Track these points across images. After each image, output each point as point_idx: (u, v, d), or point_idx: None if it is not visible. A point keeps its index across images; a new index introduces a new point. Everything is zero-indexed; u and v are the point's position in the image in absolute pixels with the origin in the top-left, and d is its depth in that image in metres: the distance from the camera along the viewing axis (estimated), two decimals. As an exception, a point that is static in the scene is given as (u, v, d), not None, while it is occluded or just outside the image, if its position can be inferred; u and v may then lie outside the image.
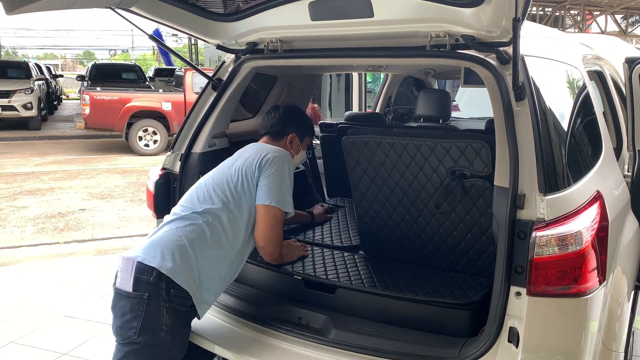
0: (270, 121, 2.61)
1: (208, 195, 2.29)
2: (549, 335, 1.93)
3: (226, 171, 2.37)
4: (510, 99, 2.07)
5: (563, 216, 1.91)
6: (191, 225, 2.21)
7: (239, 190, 2.29)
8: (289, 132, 2.59)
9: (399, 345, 2.15)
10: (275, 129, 2.59)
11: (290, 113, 2.65)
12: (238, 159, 2.42)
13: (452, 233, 2.52)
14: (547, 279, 1.89)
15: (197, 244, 2.17)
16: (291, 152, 2.56)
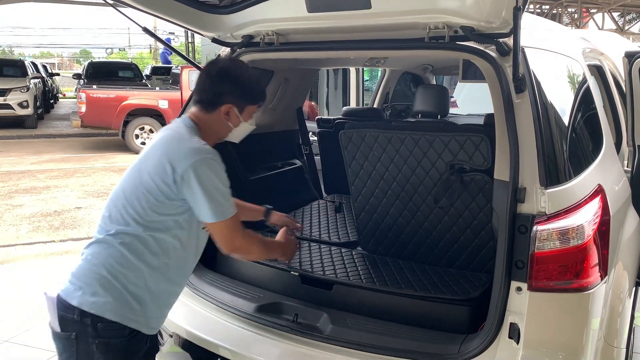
0: (201, 87, 2.00)
1: (119, 214, 1.86)
2: (550, 331, 1.90)
3: (137, 181, 1.87)
4: (510, 91, 2.04)
5: (564, 210, 1.88)
6: (107, 249, 1.86)
7: (154, 207, 1.84)
8: (223, 102, 1.95)
9: (398, 341, 2.12)
10: (206, 98, 1.97)
11: (225, 76, 1.97)
12: (148, 158, 1.89)
13: (450, 228, 2.49)
14: (549, 274, 1.86)
15: (118, 270, 1.84)
16: (228, 125, 2.00)
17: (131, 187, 1.88)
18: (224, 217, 1.87)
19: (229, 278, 2.69)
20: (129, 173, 1.94)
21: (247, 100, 2.00)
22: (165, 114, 12.59)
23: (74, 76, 18.83)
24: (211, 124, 1.98)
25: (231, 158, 3.06)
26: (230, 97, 1.95)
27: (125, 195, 1.88)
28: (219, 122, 1.98)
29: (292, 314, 2.32)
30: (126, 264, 1.84)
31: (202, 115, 1.97)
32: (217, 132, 2.02)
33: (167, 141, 1.90)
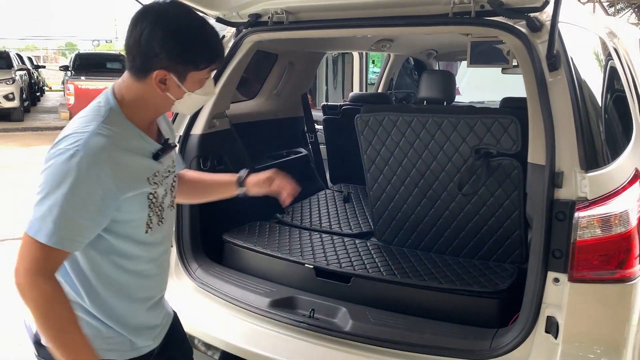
0: (126, 45, 1.41)
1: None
2: (591, 325, 1.77)
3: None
4: (543, 70, 1.91)
5: (606, 195, 1.75)
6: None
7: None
8: (155, 67, 1.36)
9: (424, 337, 1.99)
10: (132, 60, 1.39)
11: (155, 29, 1.35)
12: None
13: (474, 217, 2.36)
14: (591, 264, 1.73)
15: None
16: (167, 96, 1.42)
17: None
18: (30, 232, 1.29)
19: (237, 271, 2.55)
20: None
21: (189, 62, 1.38)
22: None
23: (61, 68, 18.40)
24: (145, 96, 1.42)
25: (236, 146, 2.91)
26: (162, 60, 1.35)
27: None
28: (153, 93, 1.40)
29: (308, 309, 2.18)
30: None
31: (133, 84, 1.41)
32: (154, 106, 1.46)
33: (85, 110, 1.46)
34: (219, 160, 2.75)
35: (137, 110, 1.43)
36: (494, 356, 1.87)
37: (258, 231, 2.77)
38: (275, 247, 2.56)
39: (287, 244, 2.60)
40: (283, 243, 2.61)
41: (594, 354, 1.76)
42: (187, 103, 1.48)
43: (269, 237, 2.69)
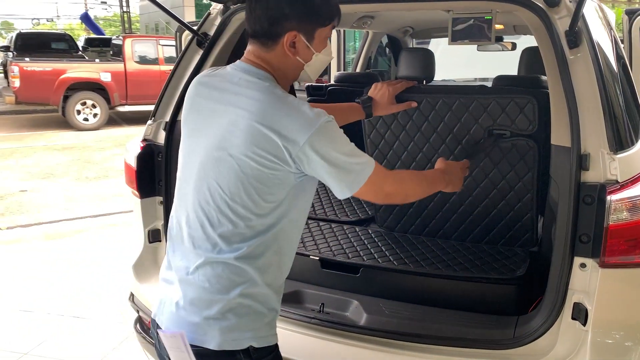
0: (250, 13, 1.44)
1: (222, 218, 1.43)
2: (621, 311, 1.73)
3: (228, 166, 1.39)
4: (563, 47, 1.83)
5: (635, 177, 1.70)
6: (226, 269, 1.45)
7: (264, 195, 1.40)
8: (285, 29, 1.41)
9: (445, 328, 1.91)
10: (260, 28, 1.42)
11: None
12: (226, 133, 1.39)
13: (483, 201, 2.28)
14: (621, 248, 1.68)
15: (246, 288, 1.47)
16: (297, 61, 1.45)
17: (220, 176, 1.40)
18: (363, 181, 1.42)
19: None
20: (203, 161, 1.44)
21: (315, 18, 1.43)
22: (108, 87, 11.87)
23: (1, 48, 17.40)
24: (276, 65, 1.44)
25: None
26: (292, 21, 1.40)
27: (212, 191, 1.42)
28: (285, 59, 1.44)
29: (316, 303, 2.07)
30: (249, 277, 1.43)
31: (263, 54, 1.44)
32: (286, 75, 1.48)
33: (251, 102, 1.38)
34: (208, 147, 2.57)
35: (279, 81, 1.46)
36: (519, 345, 1.81)
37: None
38: None
39: None
40: None
41: (624, 340, 1.72)
42: (315, 66, 1.51)
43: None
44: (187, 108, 1.56)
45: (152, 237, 2.43)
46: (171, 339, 1.41)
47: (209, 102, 1.48)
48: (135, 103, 12.13)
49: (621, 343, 1.72)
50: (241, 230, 1.41)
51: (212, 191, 1.42)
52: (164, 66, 12.03)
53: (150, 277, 2.41)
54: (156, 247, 2.46)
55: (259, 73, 1.43)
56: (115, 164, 8.38)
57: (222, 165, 1.40)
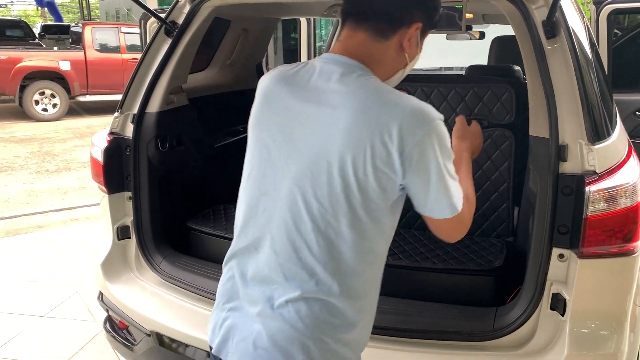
0: (372, 5, 1.25)
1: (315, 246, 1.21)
2: (599, 300, 1.75)
3: (325, 176, 1.19)
4: (541, 37, 1.82)
5: (612, 167, 1.71)
6: (320, 304, 1.23)
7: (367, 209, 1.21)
8: (414, 19, 1.25)
9: (423, 321, 1.90)
10: (384, 11, 1.24)
11: None
12: (326, 136, 1.19)
13: None
14: (599, 239, 1.69)
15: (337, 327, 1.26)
16: (404, 57, 1.29)
17: (315, 189, 1.19)
18: (459, 207, 1.25)
19: (207, 262, 2.34)
20: (296, 171, 1.22)
21: (435, 19, 1.32)
22: (67, 76, 11.47)
23: (-48, 36, 16.61)
24: (381, 59, 1.26)
25: (195, 123, 2.66)
26: (421, 13, 1.26)
27: (310, 209, 1.20)
28: (394, 54, 1.26)
29: None
30: (347, 319, 1.24)
31: (374, 46, 1.24)
32: (387, 71, 1.29)
33: (356, 97, 1.18)
34: (178, 140, 2.50)
35: (378, 76, 1.25)
36: (499, 336, 1.81)
37: (224, 215, 2.56)
38: None
39: None
40: None
41: (601, 329, 1.74)
42: (410, 66, 1.33)
43: (238, 222, 2.49)
44: (263, 109, 1.34)
45: (121, 234, 2.35)
46: None
47: (295, 102, 1.25)
48: (97, 93, 11.77)
49: (598, 332, 1.74)
50: (344, 257, 1.20)
51: (309, 208, 1.20)
52: (127, 54, 11.70)
53: (120, 276, 2.34)
54: (125, 245, 2.38)
55: (358, 66, 1.23)
56: (77, 156, 8.13)
57: (320, 176, 1.19)
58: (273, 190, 1.26)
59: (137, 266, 2.36)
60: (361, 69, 1.23)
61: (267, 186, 1.28)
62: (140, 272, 2.35)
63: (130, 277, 2.35)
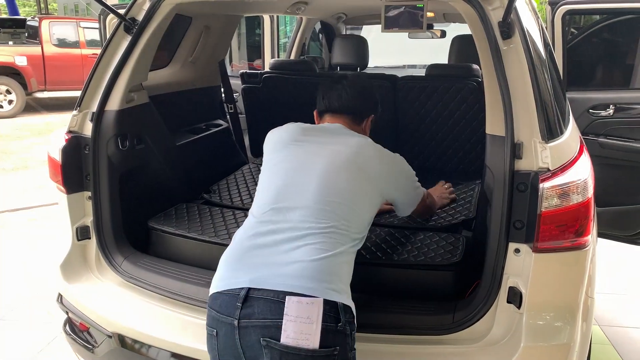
0: (350, 99, 2.02)
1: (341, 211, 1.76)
2: (552, 293, 1.81)
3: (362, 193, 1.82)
4: (497, 38, 1.87)
5: (565, 164, 1.77)
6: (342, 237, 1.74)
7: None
8: (369, 113, 2.09)
9: (384, 316, 1.93)
10: (358, 110, 2.04)
11: (369, 89, 2.11)
12: (374, 174, 1.86)
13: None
14: (553, 233, 1.75)
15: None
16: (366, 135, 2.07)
17: (354, 197, 1.78)
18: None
19: (169, 261, 2.32)
20: (313, 173, 1.78)
21: (378, 110, 2.15)
22: (24, 72, 11.14)
23: None
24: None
25: (156, 121, 2.63)
26: (373, 109, 2.10)
27: (330, 193, 1.74)
28: (363, 133, 2.05)
29: None
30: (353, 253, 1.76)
31: (354, 126, 2.02)
32: None
33: (370, 148, 1.90)
34: (138, 139, 2.46)
35: None
36: (458, 330, 1.85)
37: (187, 214, 2.54)
38: (211, 231, 2.36)
39: (224, 227, 2.40)
40: (218, 226, 2.41)
41: (555, 320, 1.80)
42: None
43: (201, 221, 2.47)
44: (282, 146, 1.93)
45: (81, 234, 2.31)
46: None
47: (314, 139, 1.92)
48: (55, 89, 11.46)
49: (552, 323, 1.80)
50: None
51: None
52: (86, 50, 11.42)
53: (80, 277, 2.30)
54: (85, 245, 2.33)
55: (352, 132, 1.96)
56: (35, 154, 7.91)
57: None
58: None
59: (98, 267, 2.32)
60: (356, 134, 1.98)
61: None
62: (100, 272, 2.31)
63: (91, 278, 2.31)
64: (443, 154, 3.09)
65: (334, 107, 2.02)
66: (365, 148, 1.88)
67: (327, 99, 2.03)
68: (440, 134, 3.04)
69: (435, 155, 3.10)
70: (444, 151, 3.07)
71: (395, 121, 3.07)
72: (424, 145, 3.10)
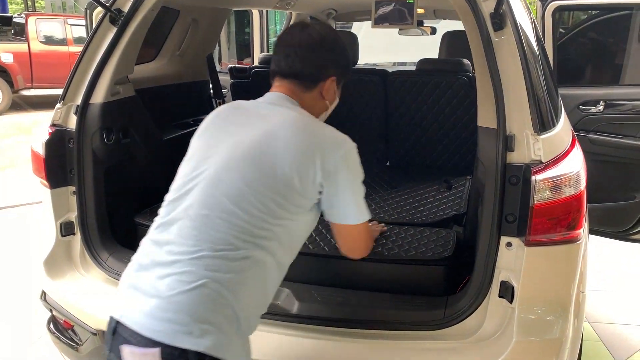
0: (295, 58, 1.56)
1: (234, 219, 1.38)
2: (544, 287, 1.79)
3: (266, 174, 1.41)
4: (489, 29, 1.85)
5: (557, 157, 1.75)
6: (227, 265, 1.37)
7: (284, 207, 1.42)
8: (329, 75, 1.60)
9: (375, 312, 1.91)
10: (306, 71, 1.57)
11: (328, 43, 1.60)
12: (276, 148, 1.43)
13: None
14: (545, 226, 1.73)
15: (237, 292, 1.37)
16: (325, 104, 1.65)
17: (253, 182, 1.40)
18: (366, 217, 1.60)
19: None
20: (230, 165, 1.43)
21: (347, 70, 1.71)
22: (10, 69, 11.02)
23: None
24: (312, 104, 1.62)
25: (142, 115, 2.58)
26: (333, 69, 1.63)
27: (243, 194, 1.39)
28: (316, 101, 1.63)
29: None
30: (242, 282, 1.36)
31: (303, 94, 1.59)
32: (315, 114, 1.63)
33: (301, 126, 1.49)
34: (124, 133, 2.41)
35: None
36: (449, 325, 1.83)
37: (174, 210, 2.49)
38: None
39: None
40: None
41: (547, 315, 1.78)
42: (330, 110, 1.71)
43: (187, 216, 2.43)
44: (201, 132, 1.62)
45: (65, 230, 2.26)
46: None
47: (233, 121, 1.56)
48: (42, 86, 11.34)
49: (544, 318, 1.78)
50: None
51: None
52: (73, 47, 11.30)
53: (64, 274, 2.25)
54: (69, 241, 2.28)
55: (293, 102, 1.56)
56: (22, 152, 7.80)
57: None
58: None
59: (82, 263, 2.27)
60: (296, 104, 1.57)
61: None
62: (85, 269, 2.26)
63: (75, 275, 2.25)
64: (434, 150, 3.07)
65: (282, 68, 1.58)
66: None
67: (276, 58, 1.60)
68: (431, 130, 3.02)
69: (427, 150, 3.08)
70: (435, 147, 3.05)
71: (386, 116, 3.05)
72: (415, 140, 3.08)
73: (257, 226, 1.37)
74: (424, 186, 2.74)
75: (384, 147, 3.13)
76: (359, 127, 3.04)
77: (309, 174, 1.41)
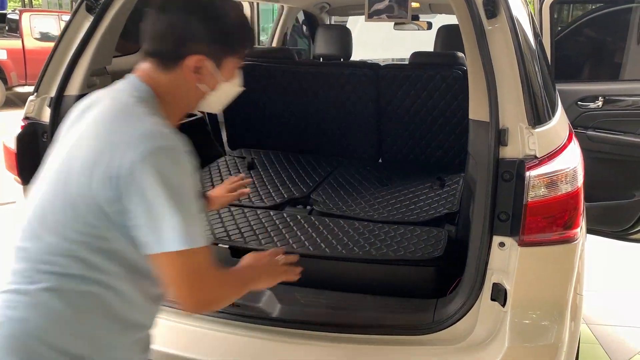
0: (153, 30, 1.25)
1: (41, 245, 1.20)
2: (539, 290, 1.69)
3: (63, 188, 1.17)
4: (482, 17, 1.75)
5: (553, 152, 1.65)
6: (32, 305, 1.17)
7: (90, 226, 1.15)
8: (190, 51, 1.22)
9: (361, 315, 1.82)
10: (163, 47, 1.24)
11: (192, 11, 1.23)
12: (75, 149, 1.20)
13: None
14: (540, 225, 1.63)
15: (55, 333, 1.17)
16: (198, 87, 1.27)
17: (54, 199, 1.18)
18: (193, 243, 1.12)
19: None
20: (46, 177, 1.23)
21: (228, 46, 1.27)
22: (4, 66, 10.88)
23: None
24: (174, 88, 1.25)
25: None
26: (201, 44, 1.22)
27: (46, 213, 1.19)
28: (185, 83, 1.25)
29: None
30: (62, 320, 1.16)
31: (160, 76, 1.24)
32: (184, 101, 1.29)
33: (107, 119, 1.18)
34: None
35: (167, 105, 1.25)
36: (439, 329, 1.74)
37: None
38: None
39: None
40: None
41: (542, 319, 1.69)
42: (220, 95, 1.32)
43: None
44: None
45: None
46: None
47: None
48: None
49: (539, 322, 1.69)
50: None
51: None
52: (68, 44, 11.19)
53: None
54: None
55: (142, 90, 1.23)
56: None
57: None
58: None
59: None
60: (143, 95, 1.22)
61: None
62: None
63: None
64: (427, 146, 2.97)
65: (145, 45, 1.27)
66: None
67: (143, 32, 1.27)
68: (425, 125, 2.92)
69: (420, 147, 2.99)
70: (429, 143, 2.96)
71: (378, 111, 2.95)
72: (408, 136, 2.98)
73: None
74: (416, 183, 2.65)
75: (377, 143, 3.03)
76: (351, 123, 2.94)
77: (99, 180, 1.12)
